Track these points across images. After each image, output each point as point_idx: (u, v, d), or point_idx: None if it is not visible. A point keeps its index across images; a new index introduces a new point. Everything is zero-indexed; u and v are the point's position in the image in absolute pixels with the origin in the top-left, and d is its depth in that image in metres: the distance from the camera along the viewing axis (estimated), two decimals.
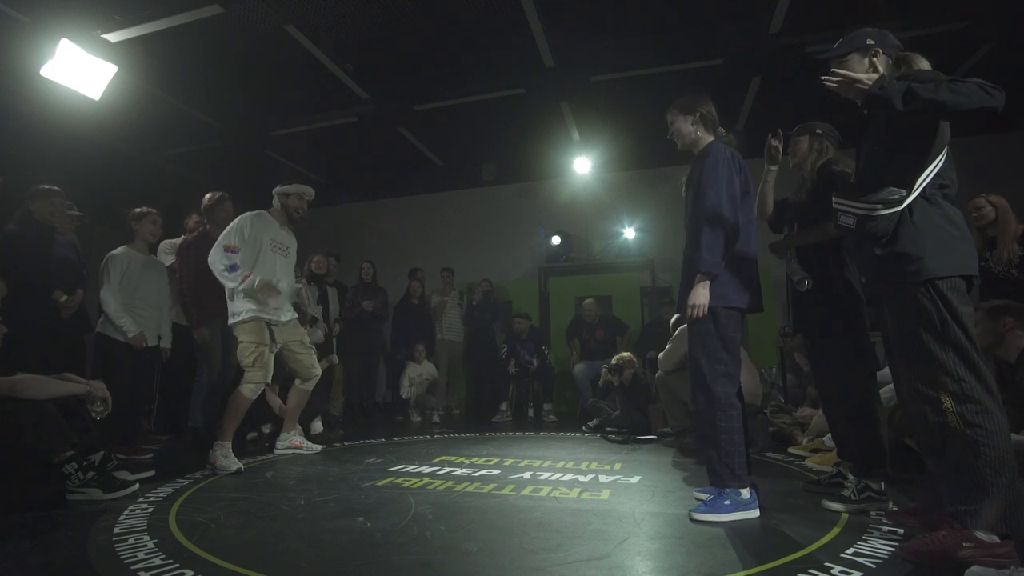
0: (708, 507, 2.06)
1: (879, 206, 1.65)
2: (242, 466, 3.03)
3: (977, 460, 1.50)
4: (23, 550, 1.80)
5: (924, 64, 1.74)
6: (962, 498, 1.54)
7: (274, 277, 3.30)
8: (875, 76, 1.65)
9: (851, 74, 1.67)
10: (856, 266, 1.95)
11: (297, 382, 3.58)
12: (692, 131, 2.30)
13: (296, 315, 3.55)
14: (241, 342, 3.22)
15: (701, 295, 2.10)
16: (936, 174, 1.66)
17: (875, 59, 1.82)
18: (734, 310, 2.16)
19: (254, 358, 3.17)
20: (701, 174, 2.19)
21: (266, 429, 4.09)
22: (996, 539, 1.49)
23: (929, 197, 1.66)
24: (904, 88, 1.54)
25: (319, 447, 3.71)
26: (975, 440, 1.50)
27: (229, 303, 3.26)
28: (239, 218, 3.33)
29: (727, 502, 2.05)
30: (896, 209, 1.64)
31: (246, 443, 3.86)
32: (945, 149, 1.68)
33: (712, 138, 2.29)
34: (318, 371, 3.60)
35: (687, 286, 2.19)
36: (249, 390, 3.15)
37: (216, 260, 3.19)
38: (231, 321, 3.26)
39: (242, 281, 3.15)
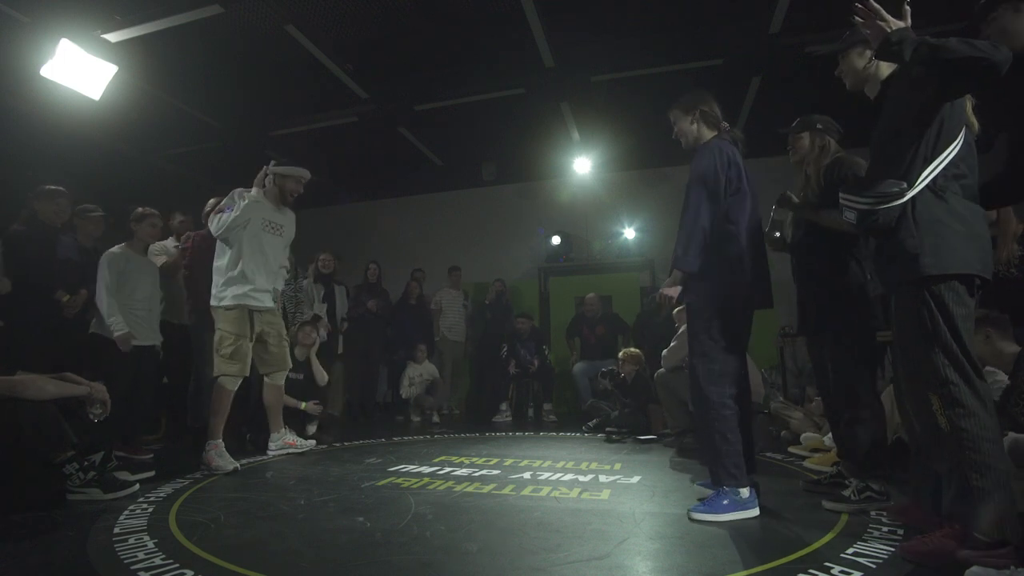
0: (706, 506, 2.06)
1: (878, 200, 1.62)
2: (238, 465, 3.01)
3: (963, 463, 1.50)
4: (23, 550, 1.80)
5: None
6: (957, 499, 1.54)
7: (264, 255, 3.28)
8: (901, 24, 1.59)
9: (880, 9, 1.60)
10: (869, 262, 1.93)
11: (266, 378, 3.48)
12: (693, 130, 2.30)
13: (275, 305, 3.44)
14: (220, 330, 3.15)
15: (671, 289, 2.17)
16: (950, 163, 1.60)
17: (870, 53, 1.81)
18: (729, 309, 2.14)
19: (232, 350, 3.12)
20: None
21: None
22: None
23: (938, 189, 1.60)
24: (918, 42, 1.51)
25: (312, 442, 3.71)
26: (960, 443, 1.50)
27: (214, 286, 3.22)
28: (231, 194, 3.31)
29: (725, 501, 2.05)
30: (896, 203, 1.60)
31: (246, 443, 3.85)
32: (961, 135, 1.62)
33: (713, 134, 2.27)
34: (288, 365, 3.53)
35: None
36: (229, 382, 3.12)
37: (213, 223, 3.20)
38: (213, 303, 3.19)
39: (224, 218, 3.13)
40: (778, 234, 2.56)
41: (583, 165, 6.70)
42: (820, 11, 4.21)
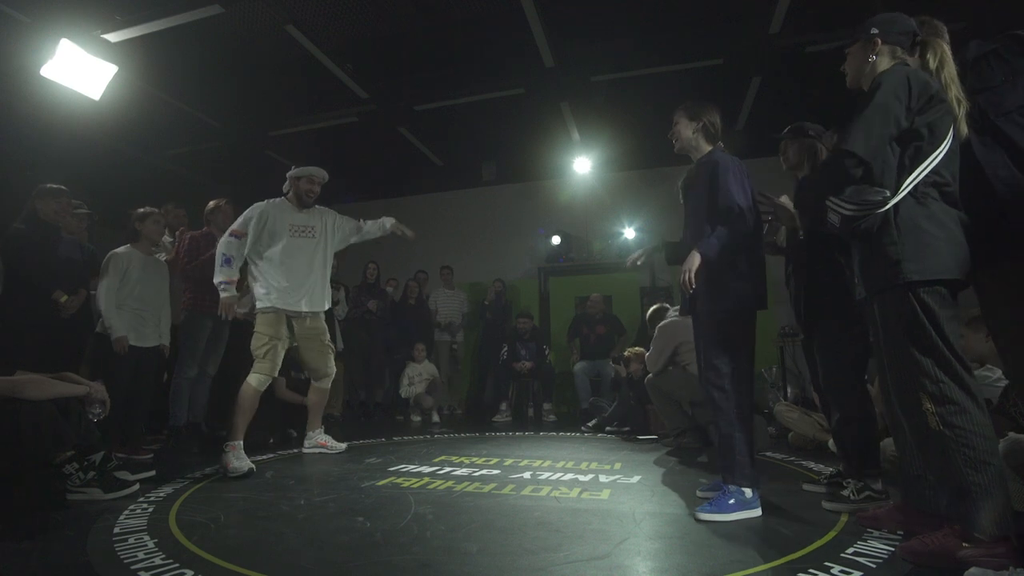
0: (713, 506, 2.06)
1: (861, 208, 1.64)
2: (254, 466, 2.97)
3: (957, 460, 1.50)
4: (23, 550, 1.80)
5: (939, 54, 1.78)
6: (953, 499, 1.54)
7: (293, 260, 3.30)
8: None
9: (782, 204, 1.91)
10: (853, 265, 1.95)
11: (312, 381, 3.61)
12: (692, 138, 2.35)
13: (324, 309, 3.49)
14: (256, 332, 3.24)
15: (693, 262, 2.09)
16: (932, 171, 1.62)
17: (876, 49, 1.80)
18: (743, 311, 2.19)
19: (265, 350, 3.18)
20: (712, 180, 2.21)
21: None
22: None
23: (920, 196, 1.62)
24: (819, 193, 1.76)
25: (344, 445, 3.70)
26: (954, 441, 1.50)
27: (251, 287, 3.32)
28: (252, 207, 3.34)
29: (731, 501, 2.05)
30: (879, 210, 1.63)
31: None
32: (946, 144, 1.63)
33: (711, 147, 2.33)
34: (332, 370, 3.59)
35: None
36: (256, 380, 3.15)
37: (221, 245, 3.23)
38: (256, 305, 3.28)
39: (223, 286, 3.14)
40: (775, 237, 2.58)
41: (583, 165, 6.71)
42: (820, 11, 4.22)
